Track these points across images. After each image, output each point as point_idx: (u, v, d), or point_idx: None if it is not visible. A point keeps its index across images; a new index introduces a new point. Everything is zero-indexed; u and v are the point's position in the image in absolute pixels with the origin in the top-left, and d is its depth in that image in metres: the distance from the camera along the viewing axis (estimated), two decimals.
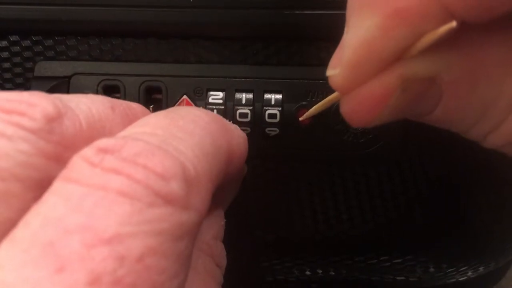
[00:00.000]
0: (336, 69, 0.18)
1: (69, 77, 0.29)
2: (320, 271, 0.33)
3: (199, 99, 0.28)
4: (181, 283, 0.15)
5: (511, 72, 0.17)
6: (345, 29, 0.18)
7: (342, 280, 0.33)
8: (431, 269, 0.32)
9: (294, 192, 0.31)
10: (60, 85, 0.29)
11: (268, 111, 0.28)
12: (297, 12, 0.26)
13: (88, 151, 0.15)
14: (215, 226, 0.23)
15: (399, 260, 0.32)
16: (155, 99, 0.29)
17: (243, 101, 0.28)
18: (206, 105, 0.28)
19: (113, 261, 0.13)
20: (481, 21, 0.16)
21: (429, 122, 0.20)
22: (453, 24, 0.15)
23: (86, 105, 0.18)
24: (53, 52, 0.29)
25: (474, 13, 0.15)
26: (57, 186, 0.14)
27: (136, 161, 0.15)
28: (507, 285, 0.35)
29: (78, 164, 0.15)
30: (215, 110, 0.28)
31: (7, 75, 0.30)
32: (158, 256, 0.14)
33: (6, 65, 0.30)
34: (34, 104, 0.16)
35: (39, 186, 0.15)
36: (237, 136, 0.21)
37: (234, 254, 0.24)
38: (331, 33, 0.21)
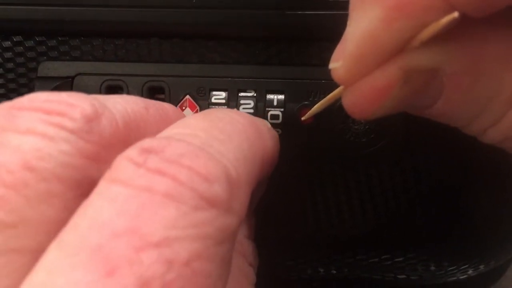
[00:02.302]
0: (338, 62, 0.19)
1: (72, 77, 0.29)
2: (322, 270, 0.33)
3: (202, 99, 0.29)
4: (223, 286, 0.15)
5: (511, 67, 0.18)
6: (348, 22, 0.18)
7: (343, 279, 0.33)
8: (432, 268, 0.32)
9: (296, 191, 0.31)
10: (63, 85, 0.29)
11: (270, 112, 0.28)
12: (299, 12, 0.27)
13: (131, 151, 0.15)
14: (247, 225, 0.23)
15: (401, 259, 0.32)
16: (158, 99, 0.29)
17: (246, 101, 0.28)
18: (208, 105, 0.28)
19: (162, 265, 0.13)
20: (483, 15, 0.16)
21: (430, 116, 0.20)
22: (455, 14, 0.15)
23: (121, 105, 0.18)
24: (56, 53, 0.30)
25: (475, 6, 0.16)
26: (103, 187, 0.15)
27: (180, 162, 0.15)
28: (507, 284, 0.35)
29: (122, 165, 0.15)
30: None
31: (11, 76, 0.30)
32: (204, 260, 0.14)
33: (10, 65, 0.30)
34: (73, 104, 0.16)
35: (79, 186, 0.15)
36: (270, 138, 0.22)
37: None
38: (333, 34, 0.22)
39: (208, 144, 0.16)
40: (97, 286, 0.12)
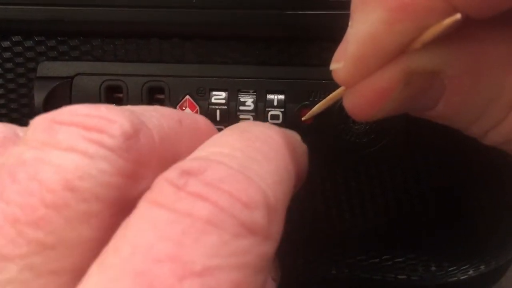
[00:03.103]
0: (340, 63, 0.19)
1: (72, 78, 0.29)
2: (322, 270, 0.33)
3: (202, 99, 0.28)
4: None
5: None
6: (349, 23, 0.18)
7: (343, 279, 0.33)
8: (433, 268, 0.32)
9: (296, 191, 0.31)
10: (62, 85, 0.29)
11: (270, 112, 0.28)
12: (299, 12, 0.27)
13: (171, 173, 0.15)
14: None
15: (401, 259, 0.32)
16: (157, 99, 0.29)
17: (246, 101, 0.28)
18: (208, 105, 0.28)
19: None
20: (485, 17, 0.16)
21: (431, 118, 0.20)
22: (458, 16, 0.15)
23: (157, 120, 0.18)
24: (55, 53, 0.30)
25: (477, 8, 0.16)
26: (143, 209, 0.15)
27: (220, 187, 0.15)
28: (508, 284, 0.35)
29: (163, 187, 0.15)
30: (218, 111, 0.28)
31: (10, 76, 0.30)
32: None
33: (9, 65, 0.30)
34: (113, 120, 0.16)
35: (116, 204, 0.15)
36: (302, 154, 0.22)
37: None
38: (333, 33, 0.22)
39: (247, 167, 0.16)
40: None
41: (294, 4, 0.27)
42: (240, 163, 0.16)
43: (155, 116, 0.18)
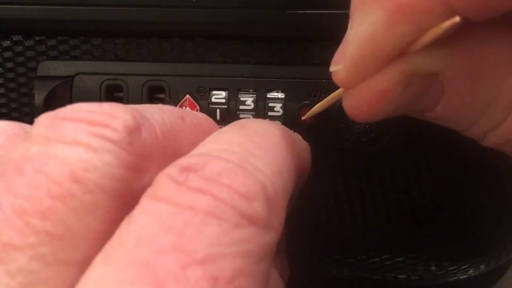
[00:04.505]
0: (339, 65, 0.19)
1: (72, 77, 0.29)
2: (322, 270, 0.33)
3: (202, 98, 0.28)
4: None
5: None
6: (349, 24, 0.18)
7: (343, 279, 0.33)
8: (433, 268, 0.32)
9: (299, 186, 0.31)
10: (63, 85, 0.29)
11: (270, 112, 0.28)
12: (300, 11, 0.27)
13: (172, 170, 0.15)
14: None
15: (401, 259, 0.32)
16: (158, 98, 0.29)
17: (246, 101, 0.28)
18: (209, 104, 0.28)
19: (207, 282, 0.13)
20: (484, 19, 0.16)
21: (430, 119, 0.20)
22: (457, 19, 0.15)
23: (159, 116, 0.18)
24: (56, 52, 0.30)
25: (476, 10, 0.16)
26: (146, 204, 0.15)
27: (219, 181, 0.15)
28: (508, 285, 0.35)
29: (164, 183, 0.15)
30: (218, 110, 0.28)
31: (10, 75, 0.30)
32: (247, 277, 0.14)
33: (9, 64, 0.30)
34: (115, 115, 0.16)
35: (121, 196, 0.15)
36: (303, 150, 0.22)
37: None
38: (333, 33, 0.21)
39: (245, 160, 0.16)
40: None
41: (294, 4, 0.27)
42: (239, 157, 0.17)
43: (157, 113, 0.18)
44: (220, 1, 0.27)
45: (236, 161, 0.16)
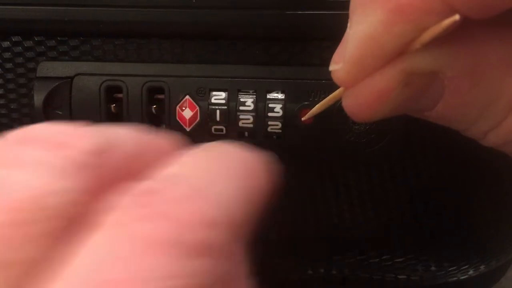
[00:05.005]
0: (339, 64, 0.19)
1: (72, 78, 0.29)
2: (322, 270, 0.33)
3: (202, 99, 0.28)
4: None
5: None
6: (348, 24, 0.18)
7: (343, 279, 0.33)
8: (433, 268, 0.32)
9: (296, 191, 0.31)
10: (62, 85, 0.29)
11: (270, 112, 0.28)
12: (299, 12, 0.27)
13: (129, 195, 0.15)
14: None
15: (401, 259, 0.32)
16: (157, 99, 0.29)
17: (246, 101, 0.28)
18: (208, 105, 0.28)
19: None
20: (483, 18, 0.16)
21: (430, 119, 0.20)
22: (456, 17, 0.15)
23: (124, 137, 0.18)
24: (55, 53, 0.30)
25: (475, 9, 0.16)
26: (101, 229, 0.14)
27: (178, 207, 0.15)
28: (508, 285, 0.35)
29: (120, 208, 0.15)
30: (217, 111, 0.28)
31: (10, 76, 0.30)
32: None
33: (9, 65, 0.30)
34: (80, 137, 0.16)
35: (79, 221, 0.15)
36: (265, 174, 0.21)
37: None
38: (333, 33, 0.22)
39: (204, 186, 0.16)
40: None
41: (294, 4, 0.27)
42: (198, 183, 0.16)
43: (122, 134, 0.18)
44: (220, 1, 0.27)
45: (195, 186, 0.16)
